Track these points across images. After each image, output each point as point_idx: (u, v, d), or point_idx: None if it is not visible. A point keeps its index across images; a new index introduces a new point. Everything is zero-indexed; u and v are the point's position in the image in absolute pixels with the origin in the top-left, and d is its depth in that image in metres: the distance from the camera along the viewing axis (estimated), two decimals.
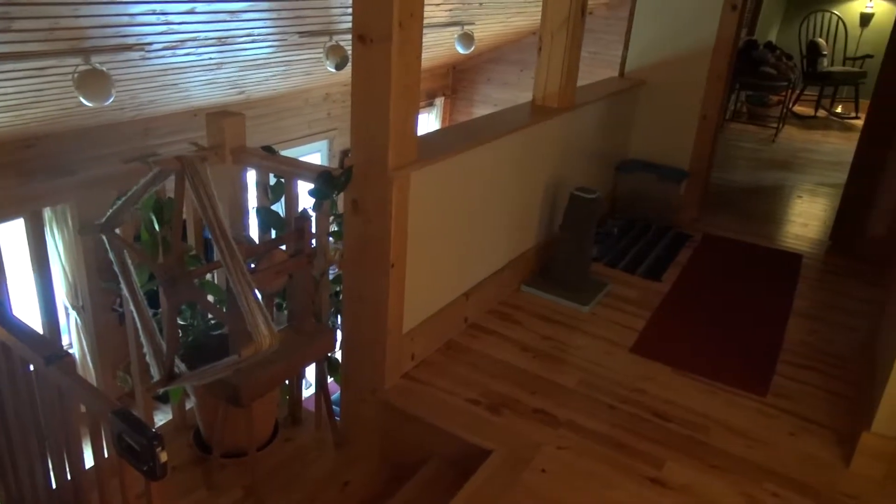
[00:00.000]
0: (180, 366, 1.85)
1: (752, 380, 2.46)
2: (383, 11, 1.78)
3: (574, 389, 2.35)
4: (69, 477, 1.53)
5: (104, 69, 3.34)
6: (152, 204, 1.98)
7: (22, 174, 4.09)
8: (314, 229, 2.08)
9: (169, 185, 1.69)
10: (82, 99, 3.32)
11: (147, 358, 1.83)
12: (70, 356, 1.39)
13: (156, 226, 2.01)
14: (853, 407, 2.31)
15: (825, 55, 7.08)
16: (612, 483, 1.95)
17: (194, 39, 3.66)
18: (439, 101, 7.80)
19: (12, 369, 1.51)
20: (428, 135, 2.48)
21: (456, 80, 8.00)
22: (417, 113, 2.03)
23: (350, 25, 1.89)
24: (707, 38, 3.63)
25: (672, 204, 3.85)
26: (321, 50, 4.62)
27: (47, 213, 4.08)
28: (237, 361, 1.65)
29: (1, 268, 1.71)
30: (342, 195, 2.08)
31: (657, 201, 3.83)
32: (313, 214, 2.08)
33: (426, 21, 5.30)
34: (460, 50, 5.87)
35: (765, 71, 6.31)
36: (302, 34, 4.31)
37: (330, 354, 2.32)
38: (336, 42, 4.55)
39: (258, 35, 4.01)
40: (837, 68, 7.18)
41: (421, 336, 2.40)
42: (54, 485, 1.59)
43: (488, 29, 6.43)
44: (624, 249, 3.51)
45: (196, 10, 3.34)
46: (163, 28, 3.37)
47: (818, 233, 3.97)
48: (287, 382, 2.38)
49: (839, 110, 7.45)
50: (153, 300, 1.99)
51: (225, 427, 2.05)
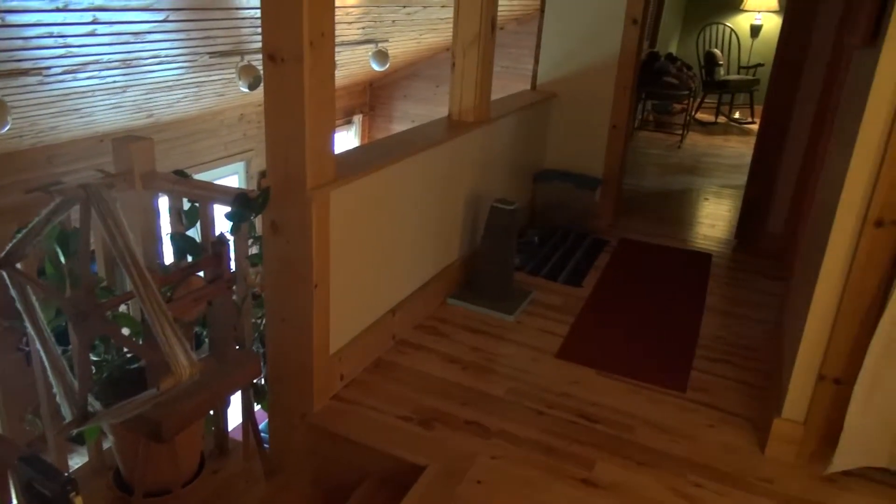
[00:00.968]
0: (95, 404, 1.76)
1: (672, 377, 2.56)
2: (293, 31, 1.77)
3: (504, 398, 2.38)
4: None
5: None
6: (56, 235, 1.89)
7: None
8: (232, 253, 2.03)
9: (74, 215, 1.61)
10: None
11: (58, 398, 1.74)
12: None
13: (61, 258, 1.91)
14: (765, 395, 2.44)
15: (721, 65, 7.50)
16: (546, 488, 1.98)
17: (96, 62, 3.52)
18: (357, 119, 7.78)
19: None
20: (347, 152, 2.48)
21: (373, 97, 8.01)
22: (334, 131, 2.02)
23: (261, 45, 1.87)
24: (612, 51, 3.79)
25: (588, 211, 3.97)
26: (233, 70, 4.54)
27: None
28: (156, 395, 1.59)
29: None
30: (260, 217, 2.04)
31: (574, 209, 3.95)
32: (231, 238, 2.03)
33: (339, 39, 5.31)
34: (375, 67, 5.88)
35: (667, 81, 6.63)
36: (212, 55, 4.22)
37: (256, 381, 2.26)
38: (248, 62, 4.48)
39: (165, 56, 3.89)
40: (733, 77, 7.62)
41: (349, 356, 2.37)
42: None
43: (402, 46, 6.49)
44: (545, 257, 3.59)
45: (97, 32, 3.21)
46: (61, 51, 3.23)
47: (724, 232, 4.19)
48: (211, 413, 2.30)
49: (737, 116, 7.91)
50: (63, 336, 1.88)
51: (147, 465, 1.96)
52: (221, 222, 2.13)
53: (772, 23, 7.84)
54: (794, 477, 2.07)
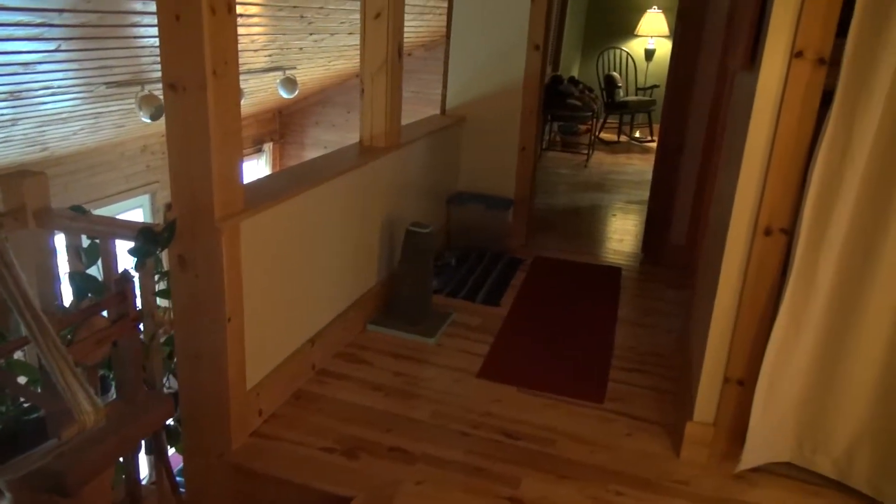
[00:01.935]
0: None
1: (590, 389, 2.63)
2: (194, 60, 1.74)
3: (428, 422, 2.38)
4: None
5: None
6: None
7: None
8: (138, 290, 1.95)
9: None
10: None
11: None
12: None
13: None
14: (677, 401, 2.55)
15: (620, 87, 7.87)
16: None
17: None
18: (268, 147, 7.65)
19: None
20: (257, 181, 2.43)
21: (283, 125, 7.90)
22: (241, 160, 1.98)
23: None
24: (516, 76, 3.91)
25: (502, 231, 4.05)
26: (133, 100, 4.37)
27: None
28: (58, 445, 1.49)
29: None
30: (167, 251, 1.97)
31: (489, 230, 4.02)
32: (136, 275, 1.95)
33: (245, 67, 5.23)
34: (284, 94, 5.82)
35: (571, 103, 6.89)
36: (109, 85, 4.06)
37: (168, 422, 2.16)
38: (149, 91, 4.33)
39: (59, 88, 3.71)
40: (632, 98, 8.01)
41: (267, 389, 2.31)
42: None
43: (311, 73, 6.45)
44: (463, 279, 3.63)
45: None
46: None
47: (632, 246, 4.37)
48: (121, 460, 2.17)
49: (637, 135, 8.30)
50: None
51: None
52: (125, 259, 2.04)
53: (664, 47, 8.30)
54: (708, 477, 2.17)
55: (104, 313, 1.90)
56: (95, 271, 2.09)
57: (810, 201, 1.87)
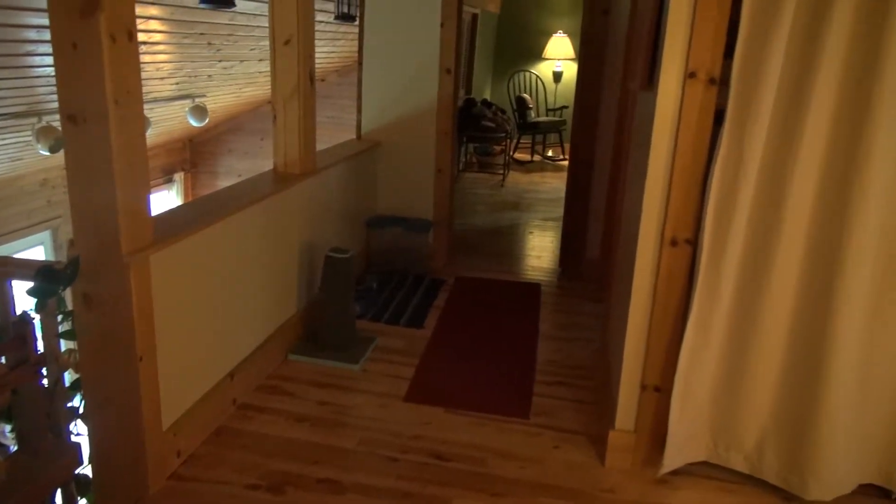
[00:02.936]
0: None
1: (516, 405, 2.66)
2: (94, 90, 1.67)
3: (356, 450, 2.34)
4: None
5: None
6: None
7: None
8: (39, 333, 1.83)
9: None
10: None
11: None
12: None
13: None
14: (599, 410, 2.61)
15: (531, 108, 8.11)
16: None
17: None
18: (179, 177, 7.41)
19: None
20: (167, 213, 2.35)
21: (195, 154, 7.69)
22: (149, 191, 1.91)
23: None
24: (430, 99, 3.96)
25: (423, 253, 4.07)
26: (30, 132, 4.15)
27: None
28: None
29: None
30: (70, 289, 1.87)
31: (409, 252, 4.03)
32: (36, 316, 1.84)
33: (152, 96, 5.07)
34: (194, 123, 5.67)
35: (485, 125, 7.04)
36: (4, 116, 3.84)
37: (77, 472, 2.03)
38: (47, 123, 4.13)
39: None
40: (542, 119, 8.27)
41: (185, 428, 2.21)
42: None
43: (221, 100, 6.32)
44: (385, 302, 3.62)
45: None
46: None
47: (550, 262, 4.48)
48: None
49: (550, 154, 8.56)
50: None
51: None
52: (25, 299, 1.92)
53: (571, 70, 8.63)
54: (632, 483, 2.23)
55: (2, 359, 1.78)
56: None
57: (710, 213, 1.98)
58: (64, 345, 2.02)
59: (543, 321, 3.49)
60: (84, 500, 2.11)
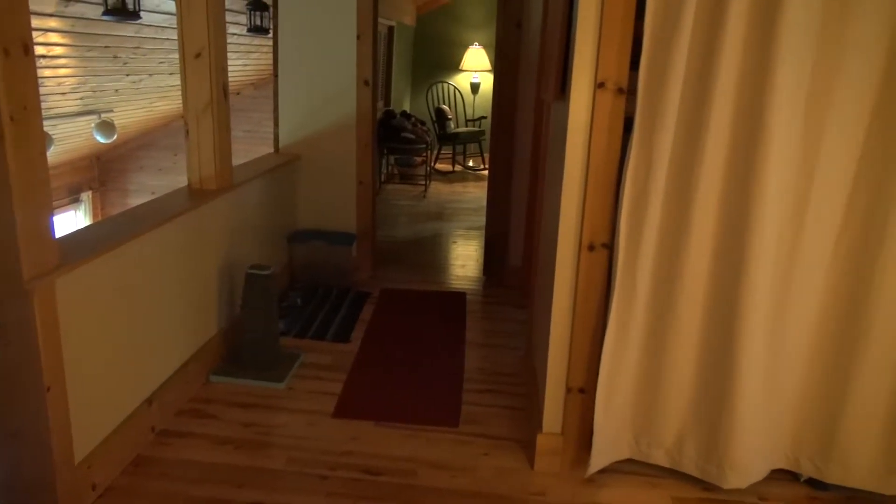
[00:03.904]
0: None
1: (445, 414, 2.67)
2: None
3: (283, 470, 2.29)
4: None
5: None
6: None
7: None
8: None
9: None
10: None
11: None
12: None
13: None
14: (528, 415, 2.66)
15: (451, 119, 8.20)
16: None
17: None
18: (86, 196, 7.06)
19: None
20: (73, 234, 2.23)
21: (103, 172, 7.35)
22: (52, 212, 1.81)
23: None
24: (349, 111, 3.94)
25: (347, 266, 4.03)
26: None
27: None
28: None
29: None
30: None
31: (333, 266, 3.98)
32: None
33: (53, 111, 4.83)
34: (101, 139, 5.42)
35: (406, 136, 7.06)
36: None
37: None
38: None
39: None
40: (462, 129, 8.37)
41: (101, 460, 2.10)
42: None
43: (131, 115, 6.08)
44: (310, 318, 3.56)
45: None
46: None
47: (474, 270, 4.53)
48: None
49: (471, 164, 8.67)
50: None
51: None
52: None
53: (488, 81, 8.78)
54: (562, 485, 2.27)
55: None
56: None
57: (624, 217, 2.06)
58: None
59: (470, 329, 3.52)
60: None
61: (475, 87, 8.97)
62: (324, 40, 3.85)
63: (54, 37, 3.71)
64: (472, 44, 8.86)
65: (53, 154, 5.63)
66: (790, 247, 2.07)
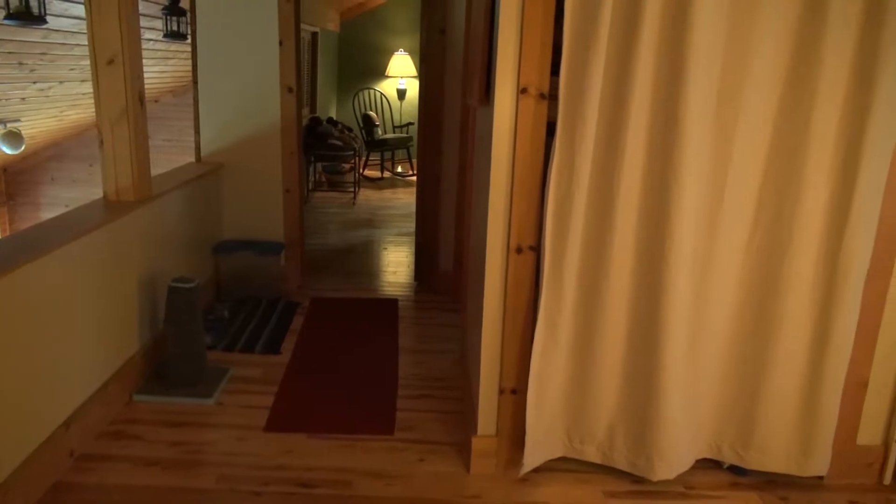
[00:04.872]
0: None
1: (379, 422, 2.65)
2: None
3: (214, 488, 2.22)
4: None
5: None
6: None
7: None
8: None
9: None
10: None
11: None
12: None
13: None
14: (463, 419, 2.67)
15: (378, 125, 8.17)
16: None
17: None
18: None
19: None
20: None
21: (11, 184, 6.96)
22: None
23: None
24: (273, 119, 3.87)
25: (275, 276, 3.95)
26: None
27: None
28: None
29: None
30: None
31: (261, 277, 3.89)
32: None
33: None
34: (7, 150, 5.13)
35: (333, 143, 6.98)
36: None
37: None
38: None
39: None
40: (390, 136, 8.35)
41: (14, 490, 1.98)
42: None
43: (40, 125, 5.78)
44: (238, 330, 3.47)
45: None
46: None
47: (406, 276, 4.52)
48: None
49: (399, 170, 8.66)
50: None
51: None
52: None
53: (414, 87, 8.79)
54: (497, 486, 2.29)
55: None
56: None
57: (549, 220, 2.10)
58: None
59: (403, 335, 3.51)
60: None
61: (402, 94, 8.97)
62: (245, 46, 3.77)
63: None
64: (398, 50, 8.86)
65: None
66: (707, 242, 2.16)
